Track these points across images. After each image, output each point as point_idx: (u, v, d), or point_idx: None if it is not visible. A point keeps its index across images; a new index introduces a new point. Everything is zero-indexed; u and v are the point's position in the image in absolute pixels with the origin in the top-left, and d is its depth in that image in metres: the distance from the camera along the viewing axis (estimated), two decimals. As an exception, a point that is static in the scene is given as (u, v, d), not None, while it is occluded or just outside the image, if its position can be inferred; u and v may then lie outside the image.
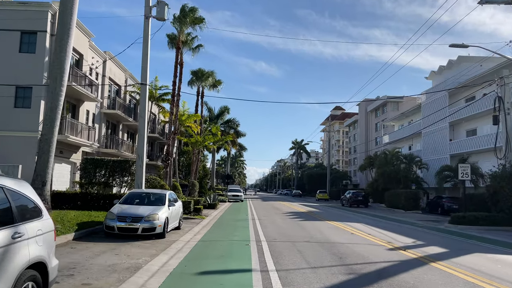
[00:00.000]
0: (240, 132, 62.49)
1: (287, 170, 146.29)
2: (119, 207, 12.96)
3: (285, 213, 27.31)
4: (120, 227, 12.11)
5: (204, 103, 53.62)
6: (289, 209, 32.88)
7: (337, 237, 14.10)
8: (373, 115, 75.51)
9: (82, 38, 28.53)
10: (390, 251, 11.16)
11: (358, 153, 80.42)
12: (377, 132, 72.88)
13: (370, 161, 49.79)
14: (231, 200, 44.44)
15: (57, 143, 26.38)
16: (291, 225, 18.56)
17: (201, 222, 18.53)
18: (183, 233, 14.31)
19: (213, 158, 58.75)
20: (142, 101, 19.82)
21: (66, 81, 13.75)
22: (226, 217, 22.56)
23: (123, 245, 10.89)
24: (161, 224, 12.47)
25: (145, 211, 12.59)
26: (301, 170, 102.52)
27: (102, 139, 33.49)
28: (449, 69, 43.96)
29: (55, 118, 13.24)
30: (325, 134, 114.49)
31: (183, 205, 21.82)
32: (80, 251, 9.79)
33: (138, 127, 19.77)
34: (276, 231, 15.54)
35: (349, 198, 41.91)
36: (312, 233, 15.01)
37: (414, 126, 49.05)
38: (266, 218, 22.00)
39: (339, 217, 25.04)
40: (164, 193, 14.32)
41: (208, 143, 38.31)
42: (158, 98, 38.53)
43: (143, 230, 12.17)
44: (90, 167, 20.55)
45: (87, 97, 28.29)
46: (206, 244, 11.94)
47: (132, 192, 14.54)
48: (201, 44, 35.07)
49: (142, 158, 18.75)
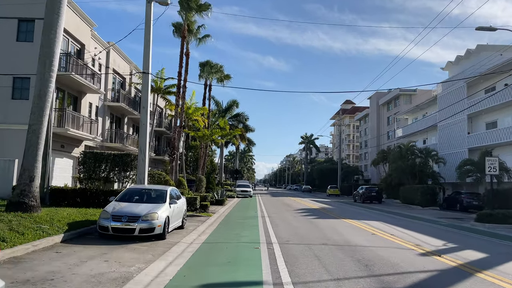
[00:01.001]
0: (249, 127, 61.05)
1: (296, 165, 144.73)
2: (114, 205, 11.68)
3: (296, 210, 25.92)
4: (115, 227, 10.82)
5: (212, 97, 52.31)
6: (300, 205, 31.48)
7: (357, 238, 12.66)
8: (385, 108, 73.63)
9: (83, 27, 27.31)
10: (423, 256, 9.69)
11: (369, 147, 78.62)
12: (389, 126, 71.04)
13: (384, 156, 48.09)
14: (240, 196, 43.17)
15: (57, 137, 25.39)
16: (304, 223, 17.16)
17: (207, 220, 17.23)
18: (186, 233, 12.99)
19: (221, 153, 57.50)
20: (144, 91, 18.61)
21: (56, 66, 12.48)
22: (234, 214, 21.24)
23: (117, 249, 9.59)
24: (160, 224, 11.16)
25: (143, 210, 11.28)
26: (310, 165, 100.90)
27: (106, 133, 32.34)
28: (467, 59, 41.98)
29: (44, 107, 11.95)
30: (335, 128, 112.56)
31: (188, 201, 20.57)
32: (65, 256, 8.51)
33: (140, 118, 18.51)
34: (288, 231, 14.17)
35: (362, 193, 40.35)
36: (328, 234, 13.60)
37: (430, 119, 47.20)
38: (277, 216, 20.64)
39: (354, 214, 23.58)
40: (165, 189, 13.00)
41: (216, 137, 36.96)
42: (164, 91, 37.32)
43: (141, 230, 10.87)
44: (90, 161, 19.34)
45: (89, 89, 27.09)
46: (211, 247, 10.60)
47: (130, 188, 13.25)
48: (208, 34, 33.65)
49: (144, 151, 17.52)
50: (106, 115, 32.38)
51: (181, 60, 28.66)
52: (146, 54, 18.31)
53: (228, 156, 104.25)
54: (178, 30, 30.55)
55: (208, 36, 33.37)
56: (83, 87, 26.38)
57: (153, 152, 43.26)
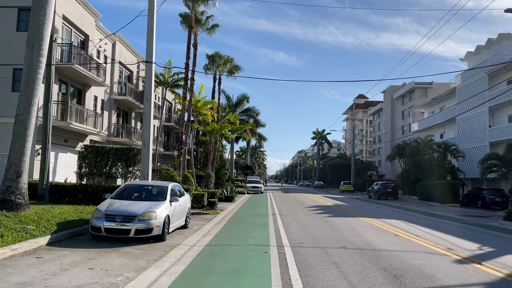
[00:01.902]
0: (260, 122, 59.75)
1: (308, 161, 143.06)
2: (109, 203, 10.56)
3: (309, 207, 24.63)
4: (108, 228, 9.70)
5: (222, 91, 51.13)
6: (313, 202, 30.17)
7: (379, 240, 11.33)
8: (400, 102, 71.72)
9: (87, 18, 26.30)
10: (460, 264, 8.34)
11: (383, 142, 76.76)
12: (403, 120, 69.16)
13: (399, 150, 46.37)
14: (251, 192, 42.01)
15: (60, 131, 24.44)
16: (318, 222, 15.88)
17: (214, 219, 16.07)
18: (189, 233, 11.83)
19: (232, 148, 56.37)
20: (148, 82, 17.51)
21: (45, 50, 11.37)
22: (243, 212, 20.04)
23: (107, 253, 8.46)
24: (159, 224, 10.00)
25: (140, 208, 10.14)
26: (322, 161, 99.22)
27: (112, 127, 31.40)
28: (488, 49, 39.98)
29: (32, 95, 10.86)
30: (348, 123, 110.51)
31: (195, 198, 19.45)
32: (46, 263, 7.40)
33: (143, 110, 17.43)
34: (302, 231, 12.91)
35: (377, 190, 38.81)
36: (346, 235, 12.31)
37: (448, 112, 45.29)
38: (289, 213, 19.39)
39: (371, 212, 22.20)
40: (165, 185, 11.83)
41: (226, 131, 35.78)
42: (172, 84, 36.26)
43: (137, 231, 9.73)
44: (91, 155, 18.30)
45: (94, 81, 26.10)
46: (214, 251, 9.41)
47: (128, 185, 12.11)
48: (217, 24, 32.42)
49: (148, 145, 16.44)
50: (112, 109, 31.42)
51: (188, 51, 27.52)
52: (149, 42, 17.21)
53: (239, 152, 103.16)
54: (185, 21, 29.40)
55: (217, 26, 32.15)
56: (87, 79, 25.39)
57: (162, 147, 42.36)
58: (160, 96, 41.32)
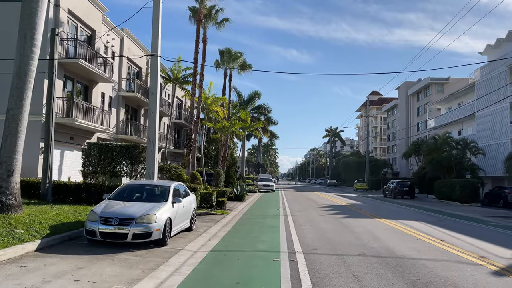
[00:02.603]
0: (272, 119, 58.79)
1: (320, 159, 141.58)
2: (106, 205, 9.76)
3: (322, 206, 23.61)
4: (104, 232, 8.89)
5: (233, 88, 50.29)
6: (327, 201, 29.12)
7: (402, 246, 10.30)
8: (415, 98, 70.00)
9: (93, 12, 25.62)
10: (500, 277, 7.25)
11: (398, 139, 75.13)
12: (419, 117, 67.48)
13: (416, 148, 44.92)
14: (262, 191, 41.10)
15: (66, 128, 23.81)
16: (333, 224, 14.88)
17: (222, 220, 15.20)
18: (193, 236, 10.97)
19: (243, 146, 55.51)
20: (153, 75, 16.74)
21: (39, 40, 10.63)
22: (253, 212, 19.13)
23: (100, 260, 7.64)
24: (159, 228, 9.16)
25: (139, 210, 9.30)
26: (335, 159, 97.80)
27: (120, 125, 30.78)
28: (509, 42, 38.30)
29: (24, 88, 10.10)
30: (361, 121, 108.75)
31: (203, 197, 18.60)
32: (28, 273, 6.60)
33: (148, 106, 16.63)
34: (315, 235, 11.95)
35: (393, 188, 37.54)
36: (364, 239, 11.30)
37: (466, 107, 43.70)
38: (301, 214, 18.42)
39: (388, 212, 21.10)
40: (167, 185, 10.97)
41: (236, 128, 34.91)
42: (181, 80, 35.55)
43: (135, 236, 8.89)
44: (94, 153, 17.57)
45: (100, 77, 25.43)
46: (219, 258, 8.51)
47: (128, 184, 11.27)
48: (227, 18, 31.54)
49: (153, 142, 15.68)
50: (120, 106, 30.78)
51: (197, 45, 26.70)
52: (154, 34, 16.44)
53: (251, 150, 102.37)
54: (194, 15, 28.56)
55: (227, 20, 31.26)
56: (93, 75, 24.73)
57: (172, 145, 41.74)
58: (170, 93, 40.65)
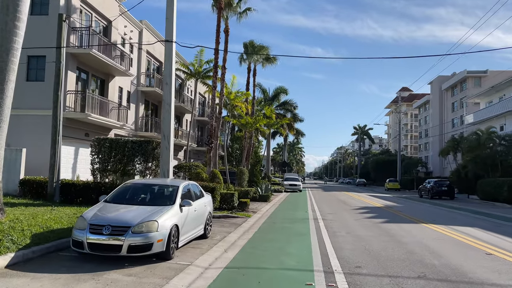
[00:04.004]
0: (298, 116, 56.52)
1: (348, 157, 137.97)
2: (99, 208, 8.05)
3: (355, 208, 21.39)
4: (93, 243, 7.15)
5: (257, 85, 48.50)
6: (359, 202, 26.81)
7: (470, 263, 8.09)
8: (449, 93, 66.30)
9: (110, 1, 24.30)
10: None
11: (431, 136, 71.47)
12: (454, 113, 63.78)
13: (455, 144, 41.78)
14: (288, 190, 39.08)
15: (79, 124, 22.46)
16: (373, 230, 12.74)
17: (244, 224, 13.33)
18: (207, 246, 9.13)
19: (268, 144, 53.53)
20: (167, 64, 15.12)
21: (25, 14, 9.05)
22: (279, 215, 17.17)
23: (80, 283, 5.88)
24: (162, 238, 7.35)
25: (137, 216, 7.52)
26: (364, 157, 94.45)
27: (140, 121, 29.44)
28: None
29: (6, 69, 8.53)
30: (391, 118, 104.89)
31: (223, 198, 16.79)
32: (-25, 303, 4.89)
33: (162, 97, 14.99)
34: (355, 245, 9.89)
35: (430, 188, 34.75)
36: (417, 252, 9.15)
37: (510, 101, 40.26)
38: (333, 217, 16.33)
39: (432, 215, 18.70)
40: (175, 185, 9.14)
41: (260, 125, 33.01)
42: (203, 75, 33.95)
43: (131, 248, 7.11)
44: (105, 149, 16.04)
45: (117, 70, 24.09)
46: (235, 280, 6.60)
47: (129, 184, 9.50)
48: (250, 7, 29.71)
49: (168, 137, 14.04)
50: (140, 101, 29.45)
51: (218, 35, 24.91)
52: (169, 18, 14.80)
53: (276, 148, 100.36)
54: (215, 3, 26.83)
55: (249, 9, 29.48)
56: (109, 68, 23.39)
57: (195, 143, 40.34)
58: (192, 90, 39.24)
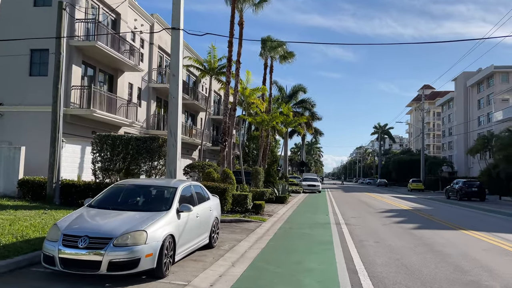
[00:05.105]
0: (316, 114, 54.67)
1: (367, 157, 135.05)
2: (79, 215, 6.68)
3: (381, 211, 19.64)
4: (66, 258, 5.77)
5: (275, 82, 47.01)
6: (383, 204, 24.99)
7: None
8: (475, 90, 63.49)
9: (118, -8, 23.12)
10: None
11: (455, 135, 68.59)
12: (480, 110, 60.96)
13: (485, 142, 39.40)
14: (307, 191, 37.42)
15: (86, 121, 21.22)
16: (405, 239, 11.07)
17: (257, 230, 11.84)
18: (212, 258, 7.67)
19: (285, 143, 51.90)
20: (174, 53, 13.74)
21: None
22: (297, 219, 15.60)
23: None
24: (151, 252, 5.92)
25: (122, 225, 6.11)
26: (385, 157, 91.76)
27: (151, 119, 28.30)
28: None
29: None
30: (413, 116, 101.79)
31: (236, 200, 15.34)
32: None
33: (169, 90, 13.66)
34: (388, 259, 8.29)
35: (458, 189, 32.60)
36: (466, 268, 7.50)
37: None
38: (358, 222, 14.68)
39: (468, 219, 16.85)
40: (173, 187, 7.67)
41: (276, 122, 31.47)
42: (218, 71, 32.65)
43: (112, 265, 5.70)
44: (106, 147, 14.79)
45: (126, 65, 22.96)
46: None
47: (119, 185, 8.06)
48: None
49: (175, 134, 12.69)
50: (151, 98, 28.31)
51: (232, 27, 23.48)
52: (176, 3, 13.44)
53: (294, 148, 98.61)
54: (230, -5, 25.43)
55: (265, 0, 27.90)
56: (117, 62, 22.26)
57: (210, 142, 39.11)
58: (207, 88, 38.02)
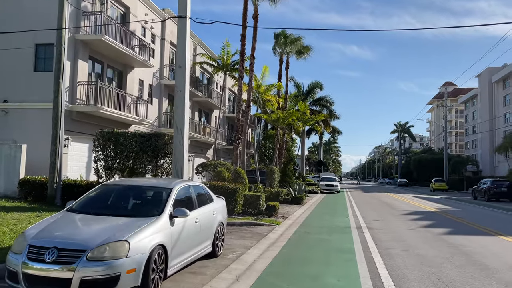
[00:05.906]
0: (334, 112, 53.15)
1: (387, 156, 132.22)
2: (53, 221, 5.67)
3: (405, 213, 18.23)
4: (30, 274, 4.74)
5: (291, 79, 45.77)
6: (406, 205, 23.51)
7: None
8: (500, 86, 61.00)
9: (127, -15, 22.36)
10: None
11: (479, 133, 66.03)
12: (506, 107, 58.52)
13: (514, 140, 37.40)
14: (325, 191, 36.05)
15: (93, 118, 20.26)
16: (438, 247, 9.76)
17: (270, 234, 10.70)
18: (214, 270, 6.58)
19: (302, 142, 50.56)
20: (181, 43, 12.84)
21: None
22: (313, 222, 14.38)
23: None
24: (134, 268, 4.85)
25: (100, 233, 5.06)
26: (405, 156, 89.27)
27: (163, 117, 27.45)
28: None
29: None
30: (433, 114, 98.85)
31: (247, 201, 14.25)
32: None
33: (175, 83, 12.70)
34: (420, 272, 7.04)
35: (486, 189, 30.77)
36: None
37: None
38: (381, 226, 13.37)
39: (503, 222, 15.34)
40: (167, 187, 6.56)
41: (292, 119, 30.25)
42: (232, 68, 31.67)
43: (84, 284, 4.63)
44: (110, 144, 13.86)
45: (135, 61, 22.15)
46: None
47: (107, 186, 7.01)
48: (283, -12, 27.04)
49: (182, 131, 11.73)
50: (163, 96, 27.46)
51: (244, 18, 22.39)
52: (182, -11, 12.40)
53: (312, 147, 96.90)
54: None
55: (282, -8, 26.75)
56: (127, 58, 21.45)
57: (224, 141, 38.18)
58: (221, 85, 37.08)
